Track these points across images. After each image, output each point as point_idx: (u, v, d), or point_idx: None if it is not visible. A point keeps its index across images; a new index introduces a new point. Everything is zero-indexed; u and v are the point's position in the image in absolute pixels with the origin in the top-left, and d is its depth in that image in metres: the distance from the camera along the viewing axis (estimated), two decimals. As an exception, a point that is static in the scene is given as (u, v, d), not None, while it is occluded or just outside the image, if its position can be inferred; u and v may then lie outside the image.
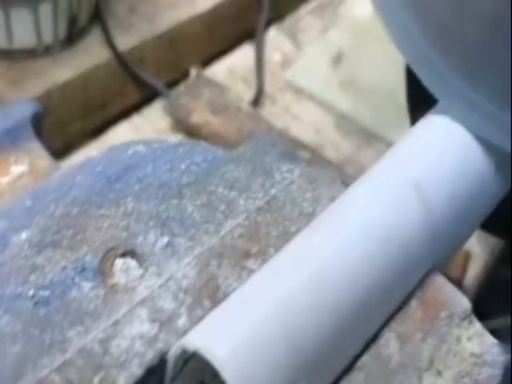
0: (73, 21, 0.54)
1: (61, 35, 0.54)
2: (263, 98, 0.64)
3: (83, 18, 0.56)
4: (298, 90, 0.65)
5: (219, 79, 0.64)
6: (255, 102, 0.63)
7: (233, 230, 0.28)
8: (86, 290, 0.25)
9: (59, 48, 0.54)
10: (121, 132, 0.59)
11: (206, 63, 0.66)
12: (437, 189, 0.29)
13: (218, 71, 0.65)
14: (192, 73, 0.63)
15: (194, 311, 0.25)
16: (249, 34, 0.68)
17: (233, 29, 0.67)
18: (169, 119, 0.60)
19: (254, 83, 0.64)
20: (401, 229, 0.27)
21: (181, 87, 0.61)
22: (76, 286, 0.25)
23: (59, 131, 0.54)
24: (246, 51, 0.68)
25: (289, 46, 0.69)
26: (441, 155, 0.30)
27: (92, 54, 0.55)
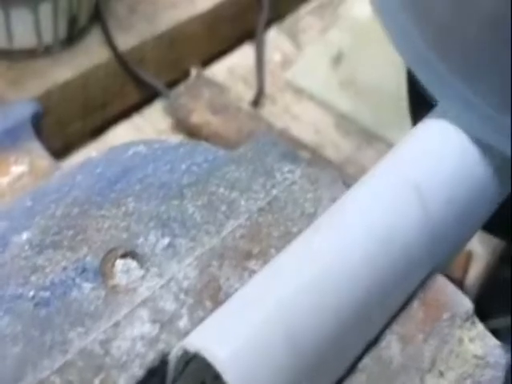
0: (73, 21, 0.54)
1: (61, 35, 0.54)
2: (263, 98, 0.64)
3: (83, 18, 0.55)
4: (298, 90, 0.65)
5: (219, 79, 0.64)
6: (255, 102, 0.63)
7: (234, 231, 0.28)
8: (87, 291, 0.25)
9: (59, 48, 0.54)
10: (121, 132, 0.58)
11: (206, 63, 0.65)
12: (436, 191, 0.29)
13: (218, 71, 0.65)
14: (192, 73, 0.63)
15: (196, 312, 0.25)
16: (249, 34, 0.68)
17: (233, 29, 0.67)
18: (169, 119, 0.60)
19: (254, 83, 0.64)
20: (402, 230, 0.27)
21: (181, 87, 0.60)
22: (77, 287, 0.25)
23: (59, 131, 0.54)
24: (246, 51, 0.68)
25: (289, 46, 0.69)
26: (440, 158, 0.30)
27: (92, 54, 0.55)
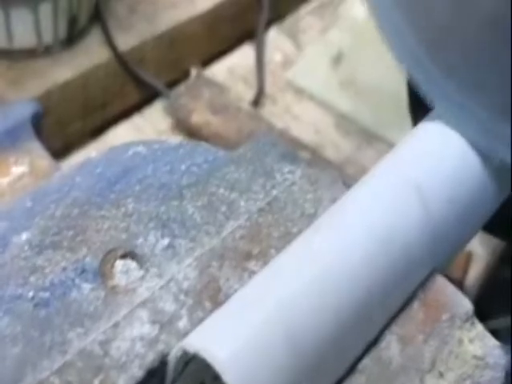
0: (73, 21, 0.54)
1: (61, 35, 0.54)
2: (263, 98, 0.64)
3: (83, 18, 0.55)
4: (299, 90, 0.65)
5: (219, 79, 0.64)
6: (255, 102, 0.63)
7: (234, 232, 0.28)
8: (86, 292, 0.25)
9: (59, 48, 0.54)
10: (121, 132, 0.58)
11: (206, 63, 0.65)
12: (437, 191, 0.29)
13: (218, 71, 0.65)
14: (192, 73, 0.63)
15: (195, 313, 0.25)
16: (249, 34, 0.68)
17: (233, 29, 0.67)
18: (169, 119, 0.60)
19: (255, 83, 0.64)
20: (402, 230, 0.27)
21: (181, 87, 0.60)
22: (76, 288, 0.25)
23: (59, 131, 0.54)
24: (246, 51, 0.68)
25: (289, 46, 0.69)
26: (441, 158, 0.30)
27: (92, 54, 0.55)
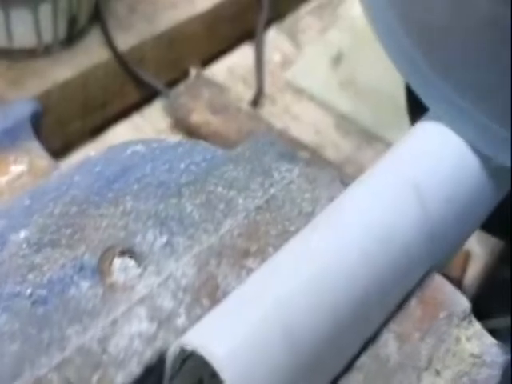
0: (73, 21, 0.54)
1: (61, 35, 0.54)
2: (263, 98, 0.64)
3: (83, 18, 0.56)
4: (298, 91, 0.65)
5: (219, 79, 0.64)
6: (255, 102, 0.63)
7: (232, 229, 0.28)
8: (85, 289, 0.25)
9: (59, 48, 0.54)
10: (121, 132, 0.59)
11: (206, 63, 0.66)
12: (435, 190, 0.29)
13: (218, 71, 0.65)
14: (192, 73, 0.63)
15: (193, 310, 0.25)
16: (249, 34, 0.68)
17: (233, 29, 0.67)
18: (169, 119, 0.60)
19: (254, 83, 0.64)
20: (400, 229, 0.27)
21: (181, 87, 0.61)
22: (74, 285, 0.25)
23: (59, 131, 0.54)
24: (246, 51, 0.68)
25: (289, 47, 0.69)
26: (439, 157, 0.30)
27: (92, 54, 0.55)
